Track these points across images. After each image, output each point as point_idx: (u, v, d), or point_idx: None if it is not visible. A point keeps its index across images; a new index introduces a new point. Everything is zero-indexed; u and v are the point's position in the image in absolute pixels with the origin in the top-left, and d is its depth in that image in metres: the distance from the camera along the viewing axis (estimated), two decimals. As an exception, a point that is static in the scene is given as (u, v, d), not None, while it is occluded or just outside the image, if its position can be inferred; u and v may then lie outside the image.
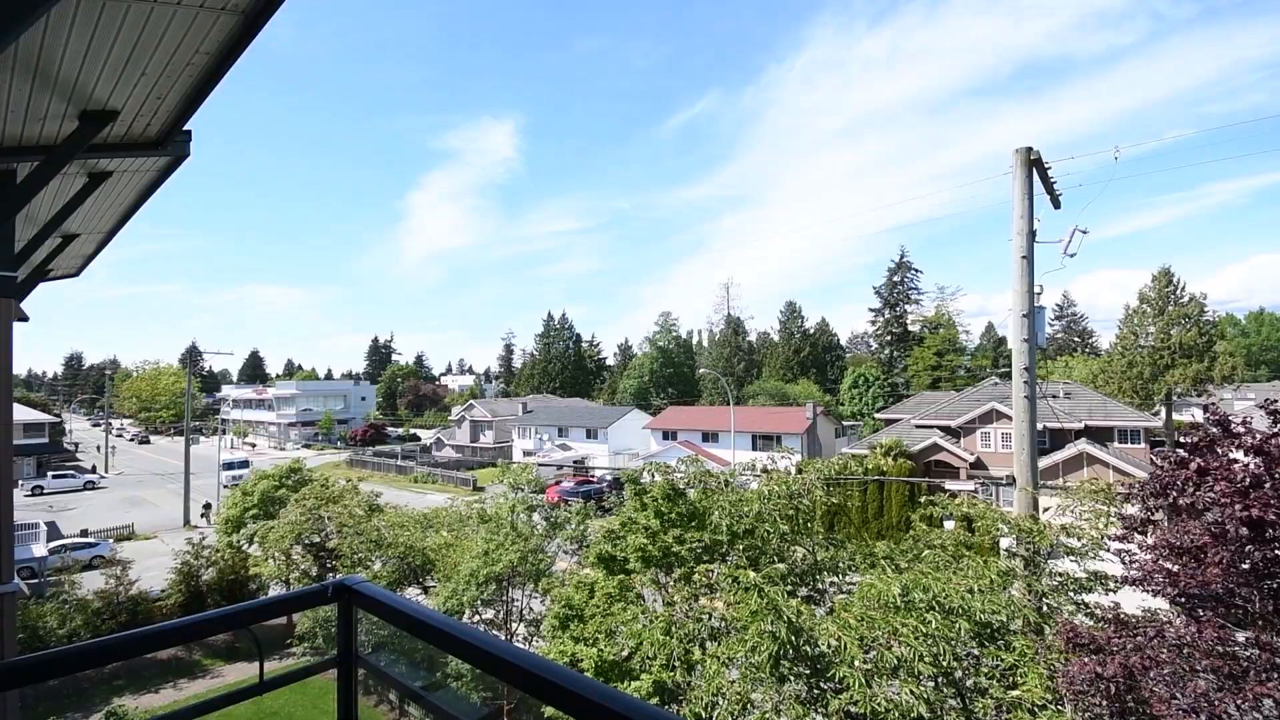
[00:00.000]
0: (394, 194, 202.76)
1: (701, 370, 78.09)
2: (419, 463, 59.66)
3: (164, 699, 16.21)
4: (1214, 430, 6.02)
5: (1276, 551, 5.16)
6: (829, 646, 6.29)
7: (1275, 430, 5.56)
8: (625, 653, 8.08)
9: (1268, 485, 5.20)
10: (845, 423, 59.41)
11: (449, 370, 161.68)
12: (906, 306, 77.79)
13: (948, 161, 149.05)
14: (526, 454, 58.43)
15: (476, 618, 13.00)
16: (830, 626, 6.55)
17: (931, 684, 6.38)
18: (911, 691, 5.99)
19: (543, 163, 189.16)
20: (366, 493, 21.79)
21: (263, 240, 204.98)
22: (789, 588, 8.23)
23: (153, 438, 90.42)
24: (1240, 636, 5.20)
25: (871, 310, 79.94)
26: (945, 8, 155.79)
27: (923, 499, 10.64)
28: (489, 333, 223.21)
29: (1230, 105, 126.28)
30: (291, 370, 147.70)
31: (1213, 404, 6.55)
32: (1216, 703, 4.79)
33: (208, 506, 39.16)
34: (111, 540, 31.55)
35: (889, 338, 78.10)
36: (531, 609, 13.74)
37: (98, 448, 66.62)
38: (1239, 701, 4.72)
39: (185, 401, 45.10)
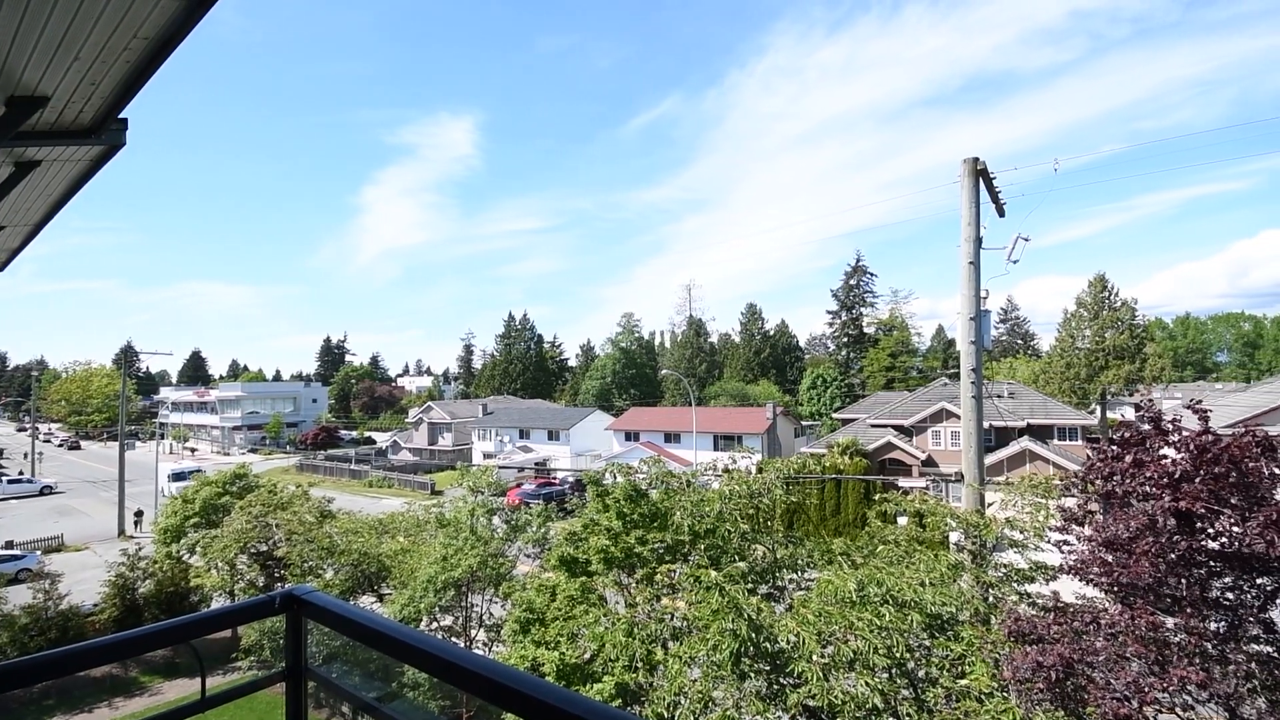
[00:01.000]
0: (348, 189, 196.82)
1: (664, 371, 78.49)
2: (374, 466, 58.01)
3: (98, 719, 15.31)
4: (1146, 427, 6.40)
5: (1203, 541, 5.52)
6: (788, 642, 6.40)
7: (1204, 429, 5.94)
8: (587, 655, 8.04)
9: (1196, 480, 5.55)
10: (804, 422, 60.65)
11: (406, 371, 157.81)
12: (862, 309, 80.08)
13: (902, 169, 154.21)
14: (487, 456, 57.54)
15: (434, 625, 12.73)
16: (789, 623, 6.67)
17: (885, 675, 6.57)
18: (867, 683, 6.16)
19: (503, 160, 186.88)
20: (318, 498, 21.05)
21: (206, 235, 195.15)
22: (749, 586, 8.34)
23: (84, 443, 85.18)
24: (1169, 622, 5.54)
25: (829, 312, 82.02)
26: (899, 20, 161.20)
27: (877, 496, 10.96)
28: (448, 333, 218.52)
29: (1161, 121, 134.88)
30: (236, 371, 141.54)
31: (1146, 402, 6.96)
32: (1146, 688, 5.08)
33: (139, 514, 37.11)
34: (39, 552, 29.68)
35: (846, 339, 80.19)
36: (492, 614, 13.53)
37: (25, 454, 62.31)
38: (1165, 685, 5.03)
39: (120, 404, 42.67)
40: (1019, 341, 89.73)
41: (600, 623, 7.88)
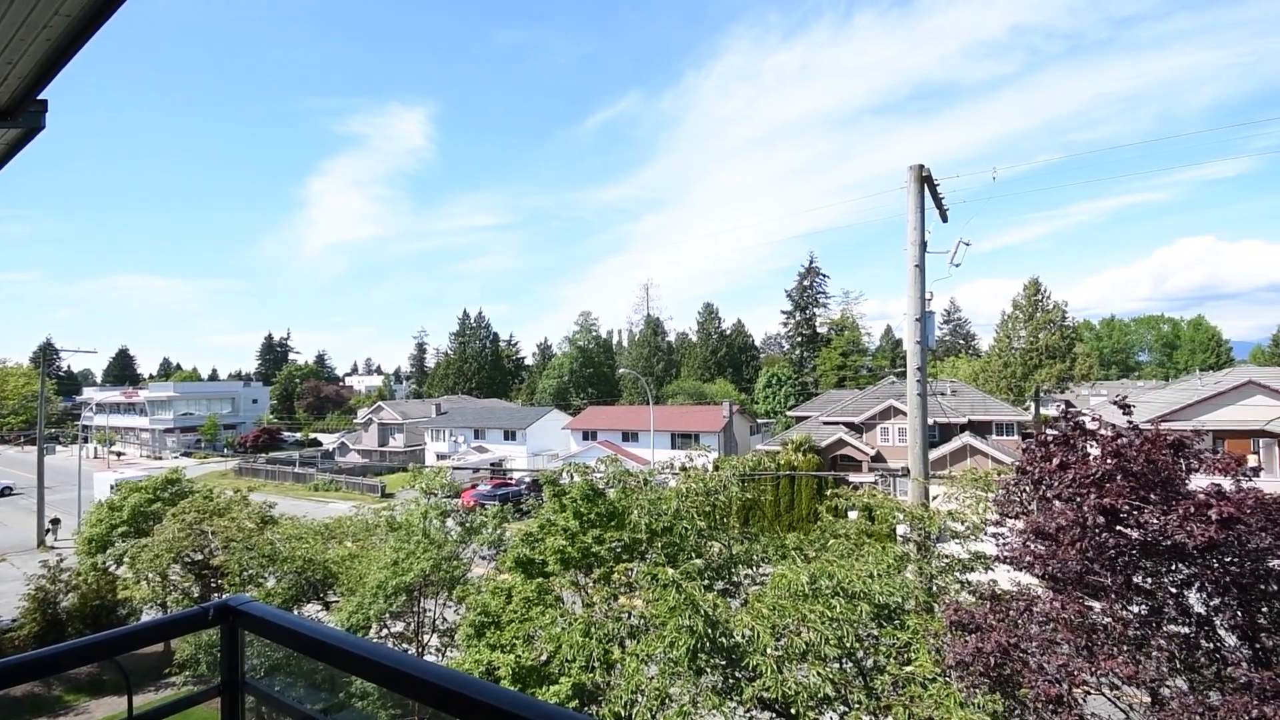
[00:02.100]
0: (292, 179, 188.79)
1: (621, 370, 78.55)
2: (320, 469, 55.95)
3: (12, 745, 14.25)
4: (1069, 429, 6.79)
5: (1125, 534, 5.90)
6: (744, 637, 6.52)
7: (1127, 429, 6.35)
8: (544, 657, 7.98)
9: (1119, 478, 5.92)
10: (760, 420, 61.77)
11: (355, 370, 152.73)
12: (815, 310, 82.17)
13: (853, 173, 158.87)
14: (440, 457, 56.28)
15: (385, 632, 12.39)
16: (745, 617, 6.79)
17: (837, 665, 6.77)
18: (819, 673, 6.33)
19: (458, 155, 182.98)
20: (258, 503, 20.13)
21: (135, 226, 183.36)
22: (706, 582, 8.44)
23: (-2, 448, 79.02)
24: (1096, 607, 5.90)
25: (784, 312, 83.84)
26: (850, 29, 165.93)
27: (829, 492, 11.26)
28: (399, 331, 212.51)
29: (1092, 134, 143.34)
30: (168, 370, 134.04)
31: (1070, 403, 7.39)
32: (1075, 671, 5.40)
33: (55, 522, 34.68)
34: (-57, 567, 27.38)
35: (799, 339, 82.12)
36: (445, 619, 13.26)
37: (-76, 460, 57.30)
38: (1092, 667, 5.37)
39: (38, 405, 39.76)
40: (961, 341, 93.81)
41: (557, 624, 7.84)
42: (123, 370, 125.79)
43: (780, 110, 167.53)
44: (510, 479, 44.91)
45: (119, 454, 75.22)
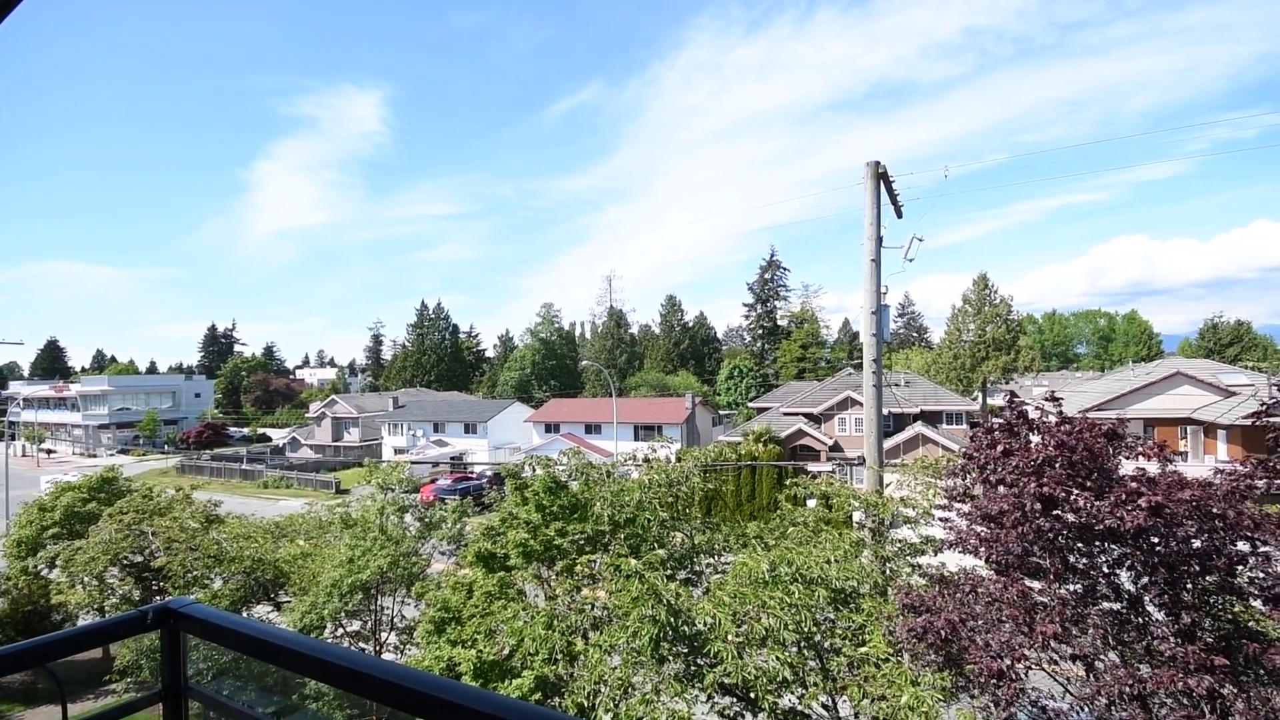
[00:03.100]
0: (236, 162, 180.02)
1: (584, 362, 78.24)
2: (270, 466, 53.95)
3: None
4: (1014, 418, 7.13)
5: (1063, 518, 6.24)
6: (705, 624, 6.61)
7: (1063, 420, 6.70)
8: (506, 651, 7.93)
9: (1057, 465, 6.25)
10: (722, 412, 62.56)
11: (306, 363, 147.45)
12: (776, 302, 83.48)
13: (813, 169, 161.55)
14: (398, 451, 55.04)
15: (340, 631, 12.10)
16: (706, 605, 6.89)
17: (795, 649, 6.95)
18: (777, 658, 6.49)
19: (415, 140, 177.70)
20: (202, 502, 19.30)
21: (63, 208, 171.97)
22: (668, 572, 8.53)
23: (-91, 446, 73.31)
24: (1036, 587, 6.23)
25: (745, 305, 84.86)
26: (811, 25, 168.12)
27: (789, 481, 11.52)
28: (354, 323, 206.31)
29: (1038, 135, 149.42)
30: (102, 363, 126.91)
31: (1014, 394, 7.75)
32: (1017, 646, 5.70)
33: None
34: None
35: (761, 331, 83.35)
36: (404, 616, 13.02)
37: None
38: (1031, 643, 5.67)
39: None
40: (914, 334, 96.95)
41: (519, 617, 7.80)
42: (52, 363, 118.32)
43: (743, 104, 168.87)
44: (471, 473, 44.30)
45: (49, 452, 70.96)
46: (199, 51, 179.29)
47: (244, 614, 13.60)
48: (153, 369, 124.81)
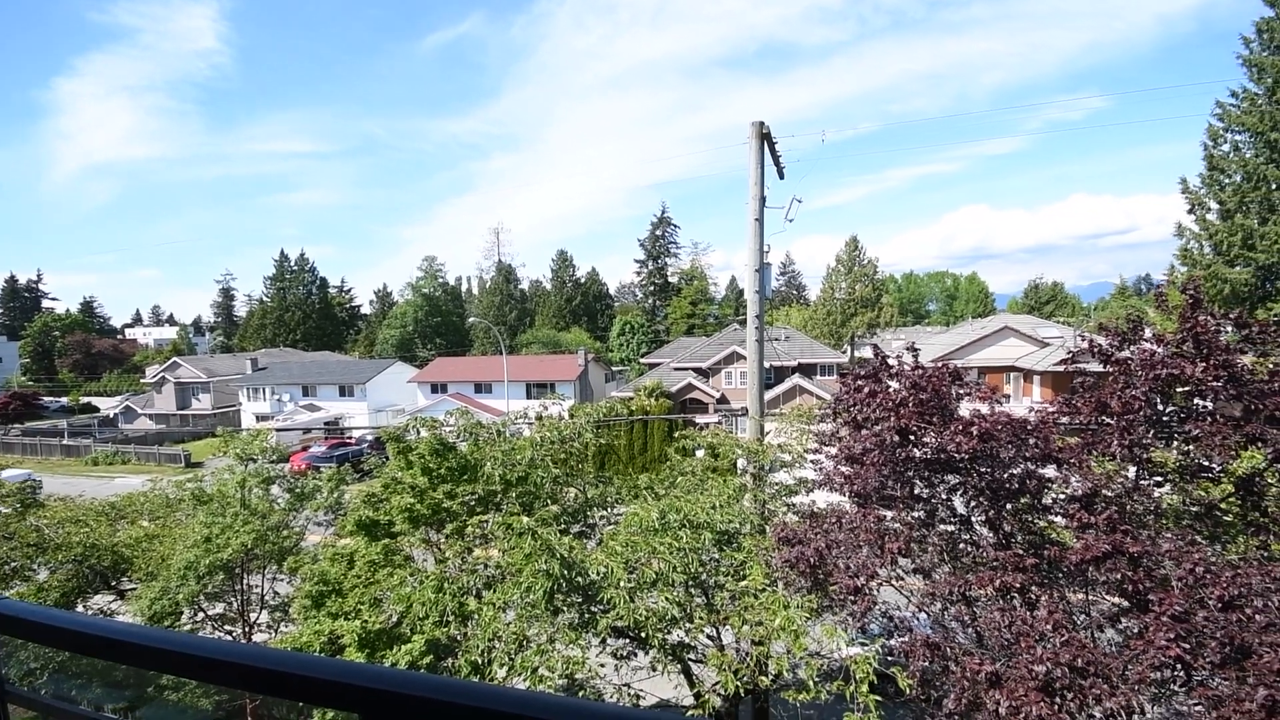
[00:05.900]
0: (30, 79, 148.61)
1: (472, 319, 75.35)
2: (99, 439, 47.29)
3: None
4: (878, 366, 7.88)
5: (913, 452, 7.05)
6: (598, 574, 6.82)
7: (916, 366, 7.50)
8: (394, 619, 7.69)
9: (910, 405, 7.02)
10: (615, 368, 63.35)
11: (139, 320, 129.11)
12: (667, 259, 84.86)
13: (702, 125, 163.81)
14: (261, 419, 50.33)
15: (201, 615, 11.09)
16: (600, 556, 7.08)
17: (683, 589, 7.39)
18: (667, 598, 6.87)
19: (262, 62, 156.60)
20: (13, 485, 16.56)
21: None
22: (562, 527, 8.63)
23: None
24: (888, 515, 7.05)
25: (637, 261, 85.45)
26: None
27: (678, 434, 11.98)
28: (196, 275, 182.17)
29: (903, 106, 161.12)
30: None
31: (878, 347, 8.55)
32: (871, 566, 6.47)
33: None
34: None
35: (652, 288, 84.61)
36: (277, 593, 12.17)
37: None
38: (882, 562, 6.47)
39: None
40: (794, 292, 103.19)
41: (406, 583, 7.56)
42: None
43: (635, 51, 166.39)
44: (349, 438, 41.63)
45: None
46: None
47: (81, 607, 12.03)
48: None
